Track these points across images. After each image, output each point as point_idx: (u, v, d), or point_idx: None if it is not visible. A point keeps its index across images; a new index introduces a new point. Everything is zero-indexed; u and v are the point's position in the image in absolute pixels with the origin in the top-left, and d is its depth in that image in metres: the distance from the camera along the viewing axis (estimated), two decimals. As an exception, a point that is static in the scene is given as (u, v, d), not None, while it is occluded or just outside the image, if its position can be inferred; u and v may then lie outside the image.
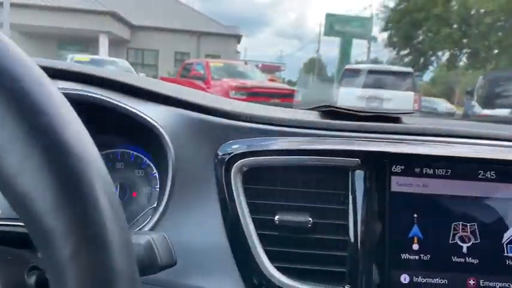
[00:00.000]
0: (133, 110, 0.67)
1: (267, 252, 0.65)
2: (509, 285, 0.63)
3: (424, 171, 0.66)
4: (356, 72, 10.12)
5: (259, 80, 10.68)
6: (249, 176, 0.68)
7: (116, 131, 0.76)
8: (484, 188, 0.66)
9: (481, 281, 0.63)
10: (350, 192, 0.66)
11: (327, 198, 0.67)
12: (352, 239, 0.64)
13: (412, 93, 9.71)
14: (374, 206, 0.65)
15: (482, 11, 14.03)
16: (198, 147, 0.70)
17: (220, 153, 0.68)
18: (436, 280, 0.63)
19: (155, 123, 0.67)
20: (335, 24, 22.11)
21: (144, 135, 0.71)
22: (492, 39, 13.60)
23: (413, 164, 0.66)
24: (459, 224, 0.65)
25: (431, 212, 0.65)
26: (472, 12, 14.91)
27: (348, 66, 11.26)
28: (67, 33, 16.17)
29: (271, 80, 12.61)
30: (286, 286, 0.62)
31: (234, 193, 0.66)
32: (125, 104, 0.67)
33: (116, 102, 0.67)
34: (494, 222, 0.65)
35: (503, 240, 0.64)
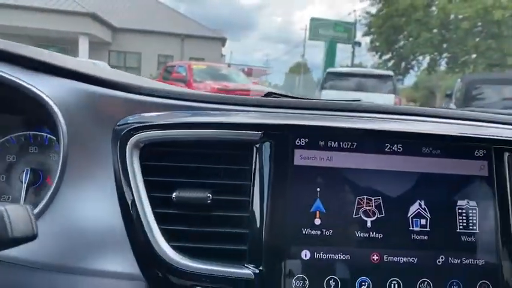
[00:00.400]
0: (20, 82, 0.63)
1: (165, 231, 0.61)
2: (414, 259, 0.61)
3: (329, 144, 0.64)
4: (338, 76, 10.19)
5: (242, 82, 10.66)
6: (148, 153, 0.64)
7: (15, 111, 0.72)
8: (390, 162, 0.64)
9: (385, 255, 0.61)
10: (253, 167, 0.63)
11: (228, 174, 0.64)
12: (253, 216, 0.61)
13: (392, 96, 9.81)
14: (276, 180, 0.62)
15: (460, 16, 14.32)
16: (95, 122, 0.66)
17: (116, 128, 0.65)
18: (339, 256, 0.60)
19: (44, 96, 0.63)
20: (319, 29, 22.30)
21: (41, 112, 0.67)
22: (469, 43, 13.88)
23: (317, 137, 0.64)
24: (363, 198, 0.63)
25: (335, 186, 0.63)
26: (451, 17, 15.21)
27: (329, 70, 11.33)
28: (45, 34, 15.86)
29: (255, 84, 12.62)
30: (181, 265, 0.59)
31: (129, 169, 0.63)
32: (12, 76, 0.63)
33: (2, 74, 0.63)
34: (400, 196, 0.63)
35: (409, 214, 0.63)
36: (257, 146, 0.63)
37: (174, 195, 0.62)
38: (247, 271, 0.59)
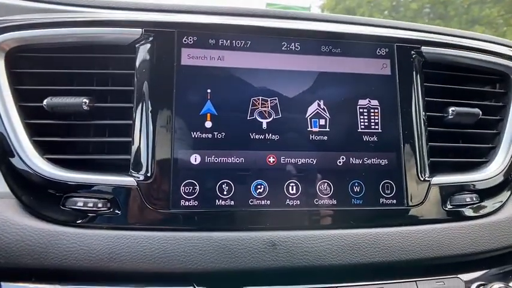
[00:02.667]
0: None
1: (38, 144, 0.54)
2: (313, 160, 0.57)
3: (220, 43, 0.58)
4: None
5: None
6: (18, 59, 0.56)
7: None
8: (287, 61, 0.60)
9: (281, 157, 0.57)
10: (135, 70, 0.56)
11: (108, 80, 0.57)
12: (137, 122, 0.55)
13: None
14: (161, 83, 0.56)
15: (409, -2, 14.75)
16: None
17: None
18: (232, 159, 0.56)
19: None
20: (275, 14, 22.31)
21: None
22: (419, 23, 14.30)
23: (206, 35, 0.58)
24: (259, 98, 0.58)
25: (227, 87, 0.58)
26: (401, -1, 15.63)
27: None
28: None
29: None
30: (54, 176, 0.52)
31: None
32: None
33: None
34: (298, 96, 0.59)
35: (307, 115, 0.59)
36: (137, 46, 0.57)
37: (45, 102, 0.54)
38: (129, 179, 0.53)
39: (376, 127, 0.61)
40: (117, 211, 0.52)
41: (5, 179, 0.53)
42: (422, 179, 0.60)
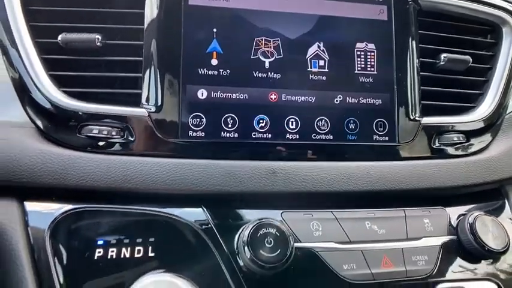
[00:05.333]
0: None
1: (54, 78, 0.57)
2: (311, 98, 0.61)
3: (226, -16, 0.61)
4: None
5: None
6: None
7: None
8: (289, 3, 0.63)
9: (282, 95, 0.61)
10: (145, 9, 0.59)
11: (120, 18, 0.60)
12: (147, 59, 0.58)
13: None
14: (170, 22, 0.59)
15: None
16: None
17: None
18: (236, 95, 0.59)
19: None
20: None
21: None
22: None
23: (212, -24, 0.61)
24: (262, 39, 0.61)
25: (232, 27, 0.61)
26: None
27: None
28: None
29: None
30: (70, 106, 0.56)
31: (9, 13, 0.57)
32: None
33: None
34: (299, 38, 0.62)
35: (307, 56, 0.62)
36: (148, -15, 0.59)
37: (59, 38, 0.57)
38: (141, 110, 0.57)
39: (372, 69, 0.64)
40: (130, 139, 0.56)
41: (25, 110, 0.57)
42: (413, 119, 0.64)
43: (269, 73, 0.61)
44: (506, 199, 0.70)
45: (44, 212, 0.53)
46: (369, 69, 0.64)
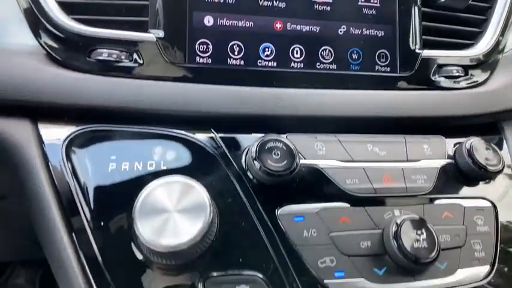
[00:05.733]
0: None
1: (62, 5, 0.58)
2: (316, 28, 0.63)
3: None
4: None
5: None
6: None
7: None
8: None
9: (288, 24, 0.62)
10: None
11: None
12: None
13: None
14: None
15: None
16: None
17: None
18: (242, 22, 0.60)
19: None
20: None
21: None
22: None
23: None
24: (267, -33, 0.62)
25: (238, -45, 0.61)
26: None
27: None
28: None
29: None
30: (79, 30, 0.56)
31: None
32: None
33: None
34: (304, -33, 0.63)
35: (313, -14, 0.63)
36: None
37: None
38: (149, 35, 0.58)
39: (375, 1, 0.65)
40: (138, 62, 0.57)
41: (35, 36, 0.58)
42: (413, 51, 0.66)
43: (274, 1, 0.62)
44: (502, 134, 0.72)
45: (58, 131, 0.54)
46: (372, 1, 0.65)
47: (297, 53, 0.62)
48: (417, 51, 0.66)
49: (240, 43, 0.60)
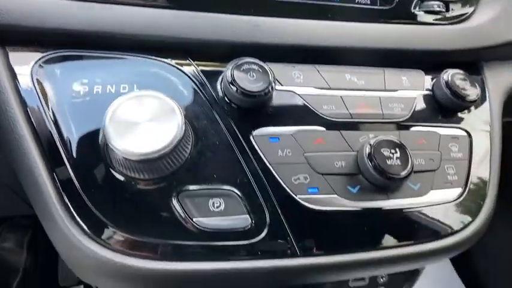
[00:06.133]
0: None
1: None
2: None
3: None
4: None
5: None
6: None
7: None
8: None
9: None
10: None
11: None
12: None
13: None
14: None
15: None
16: None
17: None
18: None
19: None
20: None
21: None
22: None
23: None
24: None
25: None
26: None
27: None
28: None
29: None
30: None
31: None
32: None
33: None
34: None
35: None
36: None
37: None
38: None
39: None
40: None
41: None
42: (394, -17, 0.65)
43: None
44: (482, 75, 0.73)
45: (27, 55, 0.53)
46: None
47: None
48: (397, -17, 0.65)
49: (217, -30, 0.59)
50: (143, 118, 0.44)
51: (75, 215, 0.46)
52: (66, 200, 0.47)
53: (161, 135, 0.42)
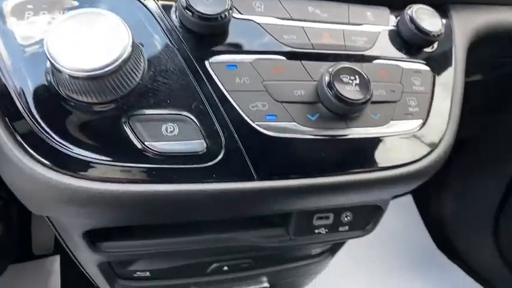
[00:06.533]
0: None
1: None
2: None
3: None
4: None
5: None
6: None
7: None
8: None
9: None
10: None
11: None
12: None
13: None
14: None
15: None
16: None
17: None
18: None
19: None
20: None
21: None
22: None
23: None
24: None
25: None
26: None
27: None
28: None
29: None
30: None
31: None
32: None
33: None
34: None
35: None
36: None
37: None
38: None
39: None
40: None
41: None
42: None
43: None
44: (449, 17, 0.72)
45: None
46: None
47: None
48: None
49: None
50: (89, 36, 0.41)
51: (27, 146, 0.44)
52: (17, 134, 0.45)
53: (108, 50, 0.40)
